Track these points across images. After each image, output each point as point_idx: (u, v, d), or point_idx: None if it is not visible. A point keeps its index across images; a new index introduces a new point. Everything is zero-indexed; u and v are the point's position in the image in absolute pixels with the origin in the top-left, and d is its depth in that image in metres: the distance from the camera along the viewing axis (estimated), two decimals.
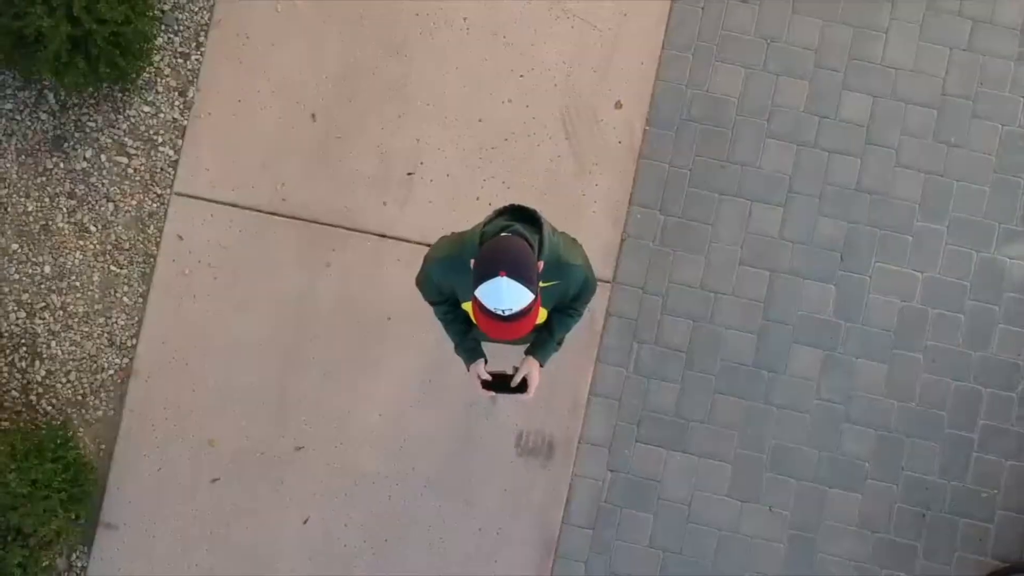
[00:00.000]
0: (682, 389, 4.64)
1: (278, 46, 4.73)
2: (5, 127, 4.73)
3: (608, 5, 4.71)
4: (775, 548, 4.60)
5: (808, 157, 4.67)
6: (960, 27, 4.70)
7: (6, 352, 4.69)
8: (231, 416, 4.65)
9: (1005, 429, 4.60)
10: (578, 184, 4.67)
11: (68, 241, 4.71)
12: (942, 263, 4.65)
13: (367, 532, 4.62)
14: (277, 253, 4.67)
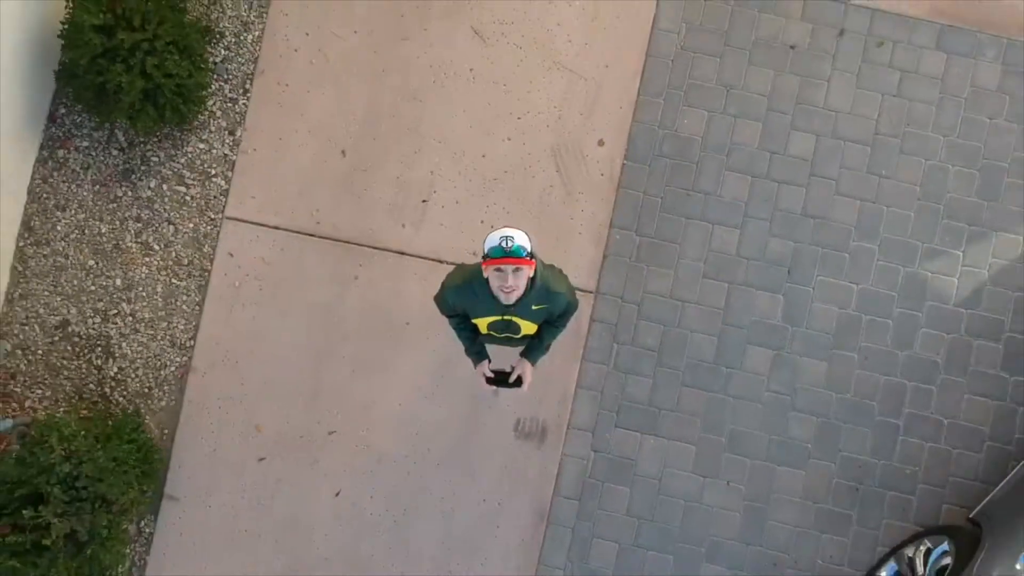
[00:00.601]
0: (654, 382, 5.50)
1: (313, 93, 5.58)
2: (82, 161, 5.58)
3: (592, 58, 5.56)
4: (732, 516, 5.47)
5: (761, 187, 5.52)
6: (890, 77, 5.55)
7: (85, 352, 5.55)
8: (274, 405, 5.51)
9: (926, 416, 5.46)
10: (566, 210, 5.53)
11: (136, 258, 5.57)
12: (874, 276, 5.51)
13: (389, 503, 5.49)
14: (312, 268, 5.53)
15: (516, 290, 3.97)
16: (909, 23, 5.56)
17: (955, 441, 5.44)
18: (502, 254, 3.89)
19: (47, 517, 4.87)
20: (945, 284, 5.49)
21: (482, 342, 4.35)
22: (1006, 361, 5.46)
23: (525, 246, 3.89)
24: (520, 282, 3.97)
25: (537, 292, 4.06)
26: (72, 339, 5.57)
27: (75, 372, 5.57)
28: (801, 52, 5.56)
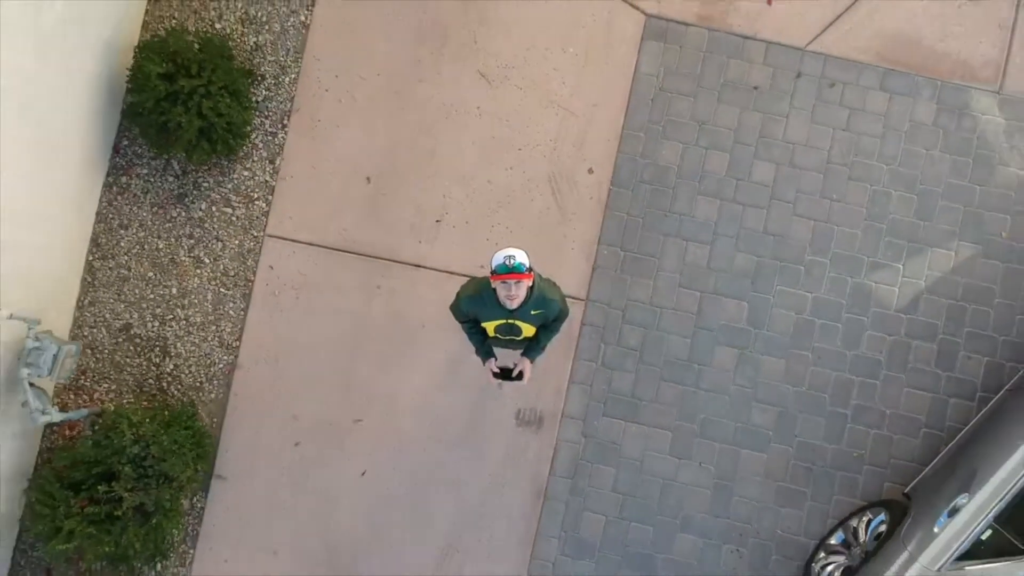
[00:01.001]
0: (636, 377, 6.38)
1: (341, 127, 6.46)
2: (142, 186, 6.47)
3: (583, 98, 6.44)
4: (703, 492, 6.35)
5: (728, 209, 6.41)
6: (840, 113, 6.43)
7: (145, 351, 6.43)
8: (308, 397, 6.39)
9: (870, 407, 6.34)
10: (561, 229, 6.41)
11: (188, 270, 6.46)
12: (825, 286, 6.39)
13: (408, 479, 6.36)
14: (341, 279, 6.41)
15: (518, 298, 4.85)
16: (857, 67, 6.45)
17: (895, 428, 6.32)
18: (506, 270, 4.77)
19: (119, 492, 5.75)
20: (887, 293, 6.37)
21: (490, 344, 5.24)
22: (940, 359, 6.34)
23: (524, 262, 4.77)
24: (521, 292, 4.85)
25: (535, 300, 4.93)
26: (134, 340, 6.45)
27: (136, 369, 6.45)
28: (763, 92, 6.45)
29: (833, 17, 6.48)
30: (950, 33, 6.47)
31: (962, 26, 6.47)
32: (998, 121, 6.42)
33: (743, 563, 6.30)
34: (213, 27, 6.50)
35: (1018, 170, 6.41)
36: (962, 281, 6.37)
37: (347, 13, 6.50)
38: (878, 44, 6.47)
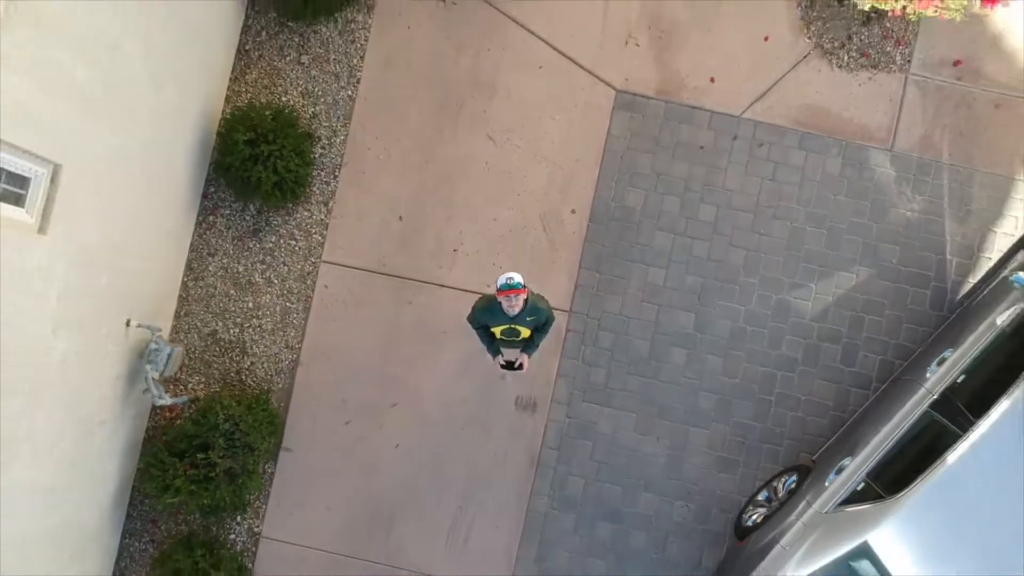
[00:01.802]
0: (609, 372, 8.23)
1: (380, 177, 8.33)
2: (225, 223, 8.34)
3: (567, 154, 8.30)
4: (660, 460, 8.19)
5: (679, 241, 8.27)
6: (767, 167, 8.30)
7: (227, 352, 8.29)
8: (354, 386, 8.24)
9: (789, 394, 8.19)
10: (550, 256, 8.27)
11: (261, 288, 8.32)
12: (755, 301, 8.24)
13: (431, 451, 8.21)
14: (380, 295, 8.27)
15: (517, 307, 6.67)
16: (780, 131, 8.32)
17: (808, 411, 8.17)
18: (507, 288, 6.61)
19: (213, 458, 7.60)
20: (803, 306, 8.23)
21: (497, 344, 7.10)
22: (843, 358, 8.19)
23: (521, 281, 6.55)
24: (519, 303, 6.68)
25: (529, 309, 6.77)
26: (219, 343, 8.31)
27: (221, 365, 8.32)
28: (707, 150, 8.32)
29: (762, 92, 8.35)
30: (853, 104, 8.34)
31: (862, 99, 8.33)
32: (889, 173, 8.29)
33: (690, 515, 8.15)
34: (280, 99, 8.38)
35: (905, 211, 8.27)
36: (861, 297, 8.22)
37: (385, 89, 8.38)
38: (796, 113, 8.34)
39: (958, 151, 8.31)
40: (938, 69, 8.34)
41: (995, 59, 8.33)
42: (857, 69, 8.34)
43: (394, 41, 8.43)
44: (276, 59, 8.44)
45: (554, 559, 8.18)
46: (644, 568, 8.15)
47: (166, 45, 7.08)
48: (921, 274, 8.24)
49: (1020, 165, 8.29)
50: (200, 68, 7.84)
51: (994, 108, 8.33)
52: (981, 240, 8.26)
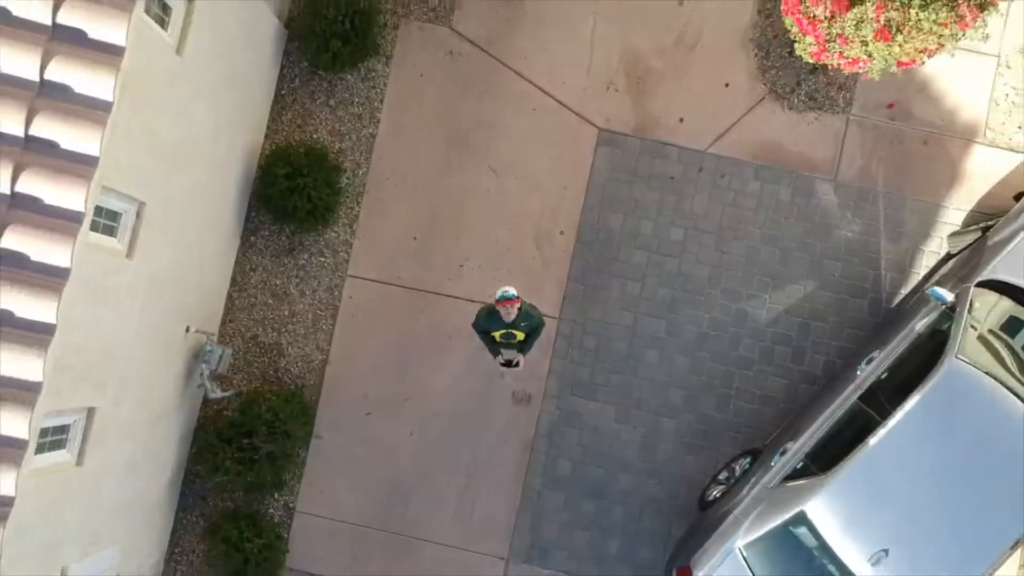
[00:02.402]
0: (592, 370, 9.63)
1: (397, 204, 9.73)
2: (265, 243, 9.74)
3: (557, 183, 9.69)
4: (636, 446, 9.59)
5: (653, 258, 9.67)
6: (728, 194, 9.68)
7: (267, 352, 9.69)
8: (375, 382, 9.64)
9: (747, 389, 9.58)
10: (542, 271, 9.67)
11: (295, 299, 9.72)
12: (717, 309, 9.64)
13: (441, 437, 9.60)
14: (397, 305, 9.66)
15: (513, 315, 8.05)
16: (739, 163, 9.72)
17: (763, 404, 9.57)
18: (505, 299, 8.00)
19: (257, 443, 9.00)
20: (758, 313, 9.63)
21: (498, 346, 8.50)
22: (793, 358, 9.59)
23: (516, 293, 7.93)
24: (514, 311, 8.07)
25: (523, 315, 8.15)
26: (259, 345, 9.72)
27: (261, 364, 9.73)
28: (677, 180, 9.72)
29: (724, 130, 9.75)
30: (801, 141, 9.74)
31: (809, 136, 9.73)
32: (833, 199, 9.69)
33: (662, 492, 9.55)
34: (311, 137, 9.78)
35: (846, 232, 9.67)
36: (808, 306, 9.63)
37: (401, 128, 9.79)
38: (753, 148, 9.74)
39: (892, 181, 9.71)
40: (875, 111, 9.75)
41: (923, 102, 9.74)
42: (805, 111, 9.75)
43: (408, 87, 9.83)
44: (308, 102, 9.84)
45: (546, 529, 9.59)
46: (623, 537, 9.56)
47: (223, 103, 8.50)
48: (860, 286, 9.65)
49: (944, 193, 9.70)
50: (246, 114, 9.25)
51: (922, 144, 9.74)
52: (911, 258, 9.67)
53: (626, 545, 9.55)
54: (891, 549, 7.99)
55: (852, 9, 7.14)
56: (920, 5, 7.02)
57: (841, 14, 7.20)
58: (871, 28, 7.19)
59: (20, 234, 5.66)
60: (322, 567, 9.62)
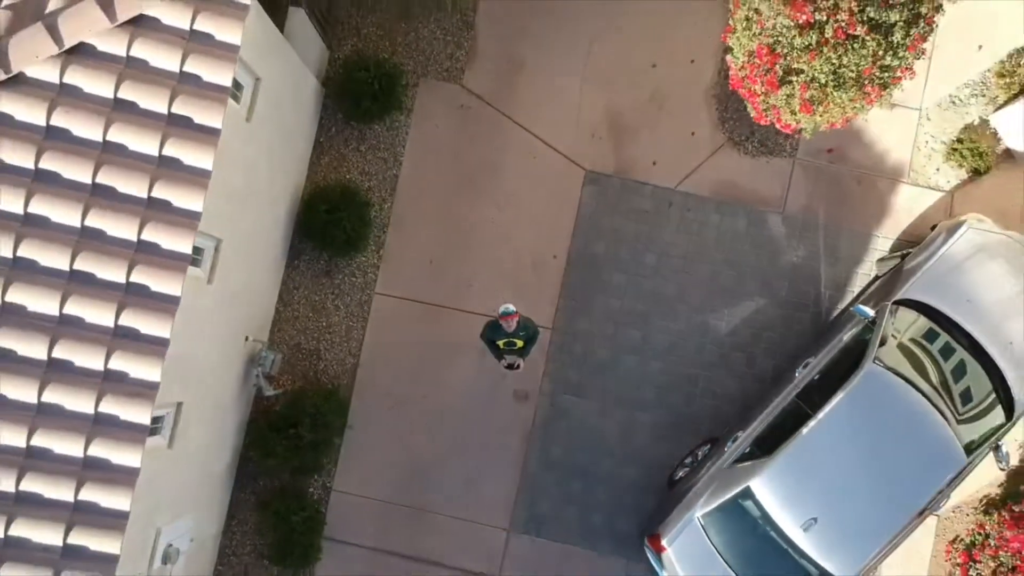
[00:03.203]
0: (580, 373, 11.53)
1: (417, 232, 11.63)
2: (306, 266, 11.64)
3: (550, 216, 11.59)
4: (616, 436, 11.47)
5: (631, 279, 11.57)
6: (693, 226, 11.58)
7: (308, 357, 11.59)
8: (398, 382, 11.54)
9: (708, 389, 11.48)
10: (539, 290, 11.57)
11: (332, 312, 11.63)
12: (684, 321, 11.53)
13: (452, 428, 11.49)
14: (418, 317, 11.56)
15: (512, 326, 9.94)
16: (703, 199, 11.61)
17: (722, 401, 11.46)
18: (506, 314, 9.89)
19: (302, 432, 10.89)
20: (718, 325, 11.53)
21: (500, 352, 10.40)
22: (747, 362, 11.49)
23: (514, 309, 9.81)
24: (514, 324, 9.95)
25: (522, 327, 10.03)
26: (301, 351, 11.63)
27: (303, 367, 11.64)
28: (651, 213, 11.62)
29: (690, 172, 11.65)
30: (755, 180, 11.63)
31: (762, 176, 11.63)
32: (781, 230, 11.59)
33: (638, 473, 11.45)
34: (345, 177, 11.68)
35: (792, 257, 11.57)
36: (760, 319, 11.53)
37: (419, 169, 11.69)
38: (715, 186, 11.64)
39: (830, 214, 11.61)
40: (816, 155, 11.65)
41: (857, 148, 11.64)
42: (758, 155, 11.65)
43: (426, 135, 11.75)
44: (342, 148, 11.75)
45: (541, 504, 11.49)
46: (605, 511, 11.46)
47: (277, 153, 10.42)
48: (803, 303, 11.55)
49: (874, 224, 11.61)
50: (293, 160, 11.17)
51: (856, 183, 11.65)
52: (846, 279, 11.58)
53: (607, 517, 11.45)
54: (819, 517, 9.86)
55: (781, 88, 9.03)
56: (834, 86, 8.91)
57: (773, 92, 9.10)
58: (797, 103, 9.09)
59: (144, 271, 7.55)
60: (354, 536, 11.52)
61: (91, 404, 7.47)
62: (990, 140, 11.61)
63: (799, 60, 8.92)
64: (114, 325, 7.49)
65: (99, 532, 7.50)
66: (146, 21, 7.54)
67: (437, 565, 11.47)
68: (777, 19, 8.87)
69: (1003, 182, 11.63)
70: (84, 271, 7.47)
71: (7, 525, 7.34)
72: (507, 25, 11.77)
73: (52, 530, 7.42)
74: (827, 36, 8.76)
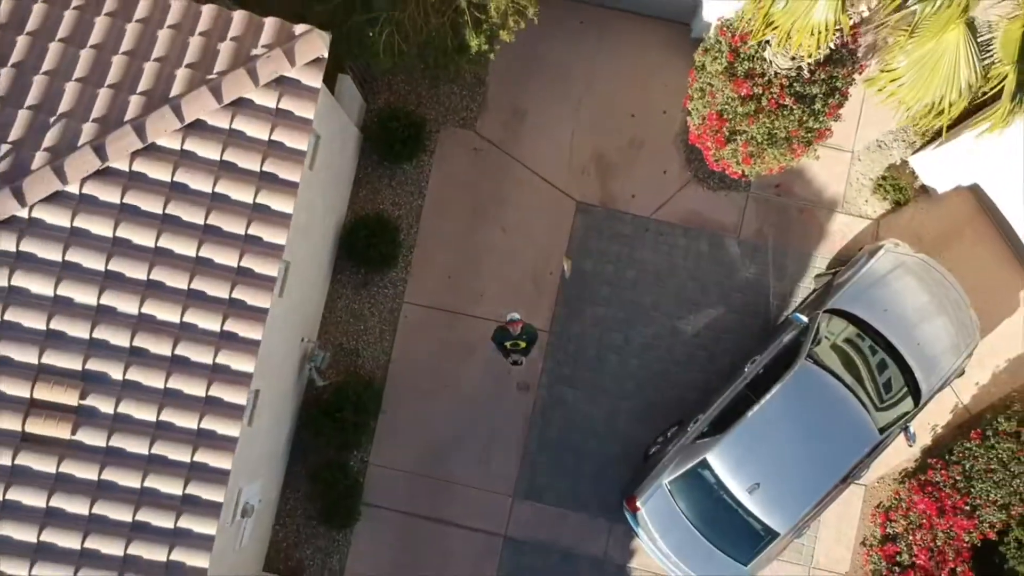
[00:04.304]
0: (572, 368, 14.06)
1: (437, 252, 14.16)
2: (347, 280, 14.18)
3: (548, 240, 14.13)
4: (602, 420, 14.01)
5: (614, 291, 14.10)
6: (665, 247, 14.14)
7: (349, 356, 14.12)
8: (423, 376, 14.07)
9: (678, 382, 14.01)
10: (538, 300, 14.11)
11: (368, 318, 14.17)
12: (658, 326, 14.07)
13: (466, 414, 14.01)
14: (440, 322, 14.10)
15: (517, 330, 12.47)
16: (673, 225, 14.14)
17: (687, 391, 13.98)
18: (512, 320, 12.42)
19: (346, 415, 13.43)
20: (686, 329, 14.06)
21: (507, 351, 12.94)
22: (709, 360, 14.01)
23: (519, 316, 12.35)
24: (518, 328, 12.48)
25: (525, 330, 12.57)
26: (344, 350, 14.15)
27: (345, 363, 14.15)
28: (630, 237, 14.16)
29: (662, 203, 14.19)
30: (716, 210, 14.18)
31: (721, 207, 14.18)
32: (737, 251, 14.13)
33: (619, 450, 13.99)
34: (379, 207, 14.21)
35: (746, 274, 14.11)
36: (719, 324, 14.07)
37: (440, 200, 14.23)
38: (682, 215, 14.18)
39: (778, 238, 14.16)
40: (766, 189, 14.20)
41: (800, 183, 14.19)
42: (718, 190, 14.20)
43: (445, 172, 14.29)
44: (376, 183, 14.30)
45: (539, 477, 14.02)
46: (592, 481, 14.00)
47: (328, 192, 12.97)
48: (755, 311, 14.10)
49: (814, 246, 14.15)
50: (339, 194, 13.73)
51: (799, 212, 14.20)
52: (791, 292, 14.13)
53: (594, 486, 13.98)
54: (761, 482, 12.41)
55: (727, 145, 11.59)
56: (768, 144, 11.46)
57: (721, 148, 11.65)
58: (740, 156, 11.64)
59: (242, 290, 10.07)
60: (386, 501, 14.05)
61: (203, 389, 10.01)
62: (909, 177, 14.16)
63: (741, 124, 11.47)
64: (220, 330, 10.03)
65: (208, 486, 10.03)
66: (244, 102, 10.08)
67: (454, 525, 14.01)
68: (724, 92, 11.41)
69: (919, 213, 14.20)
70: (198, 289, 10.00)
71: (143, 479, 9.86)
72: (513, 83, 14.32)
73: (175, 484, 9.95)
74: (763, 105, 11.31)
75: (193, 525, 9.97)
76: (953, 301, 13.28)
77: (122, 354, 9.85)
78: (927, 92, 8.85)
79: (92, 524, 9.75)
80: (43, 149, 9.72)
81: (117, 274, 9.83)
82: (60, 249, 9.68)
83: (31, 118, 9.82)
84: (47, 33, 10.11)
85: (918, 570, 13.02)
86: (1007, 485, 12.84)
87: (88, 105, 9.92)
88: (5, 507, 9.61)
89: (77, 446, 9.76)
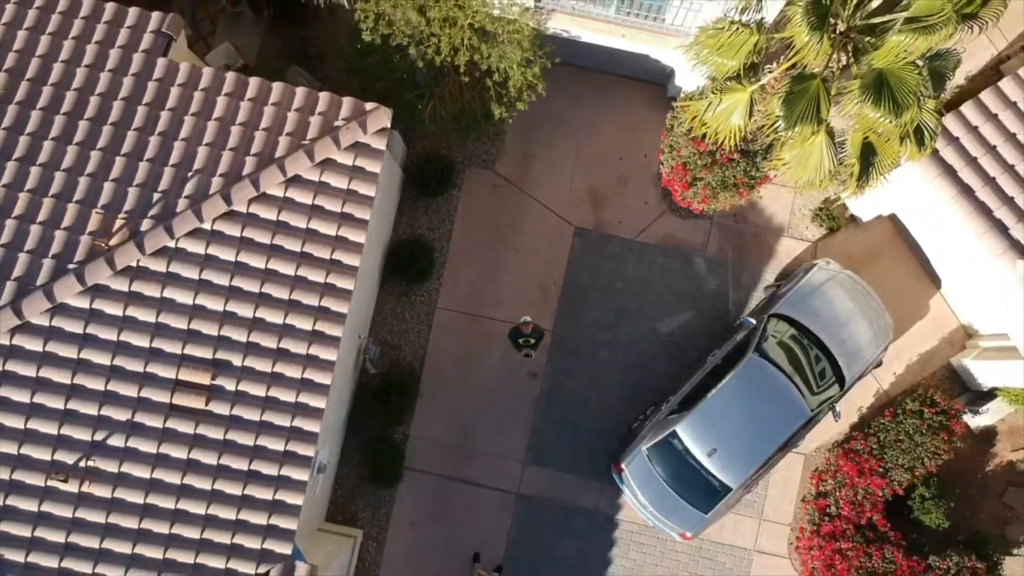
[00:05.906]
0: (572, 361, 17.60)
1: (463, 267, 17.74)
2: (390, 289, 17.72)
3: (551, 260, 17.69)
4: (596, 403, 17.54)
5: (606, 298, 17.67)
6: (643, 265, 17.70)
7: (393, 349, 17.68)
8: (452, 366, 17.58)
9: (656, 372, 17.54)
10: (544, 306, 17.65)
11: (408, 320, 17.68)
12: (641, 326, 17.61)
13: (487, 397, 17.51)
14: (464, 325, 17.63)
15: (528, 330, 15.98)
16: (652, 246, 17.70)
17: (663, 379, 17.50)
18: (524, 322, 15.97)
19: (393, 398, 17.00)
20: (662, 329, 17.60)
21: (520, 347, 16.47)
22: (680, 354, 17.55)
23: (530, 319, 15.89)
24: (529, 328, 16.00)
25: (534, 330, 16.11)
26: (389, 345, 17.64)
27: (390, 356, 17.71)
28: (618, 256, 17.70)
29: (644, 228, 17.76)
30: (687, 234, 17.74)
31: (690, 231, 17.72)
32: (703, 267, 17.70)
33: (608, 426, 17.50)
34: (416, 231, 17.76)
35: (711, 285, 17.65)
36: (690, 325, 17.60)
37: (466, 225, 17.76)
38: (660, 238, 17.73)
39: (736, 257, 17.73)
40: (727, 217, 17.76)
41: (753, 213, 17.76)
42: (688, 218, 17.76)
43: (470, 203, 17.85)
44: (414, 211, 17.85)
45: (544, 451, 17.54)
46: (588, 450, 17.53)
47: (379, 222, 16.53)
48: (717, 315, 17.65)
49: (765, 263, 17.72)
50: (386, 223, 17.30)
51: (753, 236, 17.78)
52: (747, 300, 17.70)
53: (590, 454, 17.52)
54: (718, 448, 15.95)
55: (690, 188, 15.17)
56: (720, 188, 15.03)
57: (685, 190, 15.23)
58: (700, 197, 15.22)
59: (329, 300, 13.63)
60: (423, 466, 17.54)
61: (299, 372, 13.55)
62: (841, 208, 17.73)
63: (700, 172, 15.04)
64: (312, 329, 13.58)
65: (302, 443, 13.58)
66: (329, 161, 13.62)
67: (477, 485, 17.55)
68: (687, 148, 14.99)
69: (849, 237, 17.78)
70: (296, 300, 13.54)
71: (255, 438, 13.40)
72: (525, 133, 17.88)
73: (278, 443, 13.48)
74: (717, 159, 14.88)
75: (291, 473, 13.50)
76: (873, 308, 16.83)
77: (241, 347, 13.39)
78: (804, 174, 12.55)
79: (220, 472, 13.28)
80: (184, 196, 13.28)
81: (238, 288, 13.38)
82: (197, 270, 13.23)
83: (174, 174, 13.38)
84: (183, 108, 13.68)
85: (843, 519, 16.57)
86: (912, 452, 16.41)
87: (215, 164, 13.48)
88: (159, 458, 13.16)
89: (209, 414, 13.31)
